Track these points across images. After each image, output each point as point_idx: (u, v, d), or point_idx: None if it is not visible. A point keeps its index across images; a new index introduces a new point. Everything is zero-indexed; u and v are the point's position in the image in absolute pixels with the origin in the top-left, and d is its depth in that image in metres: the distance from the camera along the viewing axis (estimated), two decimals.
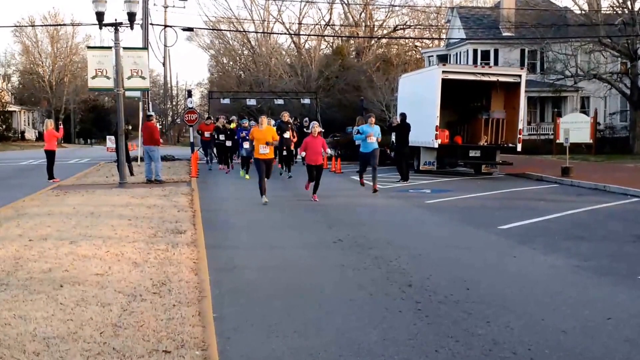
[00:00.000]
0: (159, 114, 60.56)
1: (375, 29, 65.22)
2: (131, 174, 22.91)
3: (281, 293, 7.85)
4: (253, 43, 67.56)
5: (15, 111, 72.17)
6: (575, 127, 25.91)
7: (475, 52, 45.43)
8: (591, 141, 30.56)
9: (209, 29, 67.35)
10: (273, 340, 6.17)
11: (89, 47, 24.13)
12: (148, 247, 10.06)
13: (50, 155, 23.12)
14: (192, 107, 34.92)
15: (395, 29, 64.48)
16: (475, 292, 7.82)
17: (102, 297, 7.18)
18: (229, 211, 15.35)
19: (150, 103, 37.32)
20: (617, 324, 6.60)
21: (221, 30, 66.73)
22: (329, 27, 66.36)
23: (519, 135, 24.30)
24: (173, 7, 62.57)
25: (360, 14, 64.30)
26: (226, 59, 75.20)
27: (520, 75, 24.39)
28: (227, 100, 44.01)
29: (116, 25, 20.36)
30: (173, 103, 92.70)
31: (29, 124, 76.41)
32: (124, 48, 21.31)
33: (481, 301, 7.43)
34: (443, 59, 45.83)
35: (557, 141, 28.93)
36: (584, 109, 42.54)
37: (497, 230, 12.21)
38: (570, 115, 31.61)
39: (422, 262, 9.53)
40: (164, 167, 26.82)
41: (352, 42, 63.72)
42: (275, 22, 66.89)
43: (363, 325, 6.57)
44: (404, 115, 22.77)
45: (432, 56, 51.08)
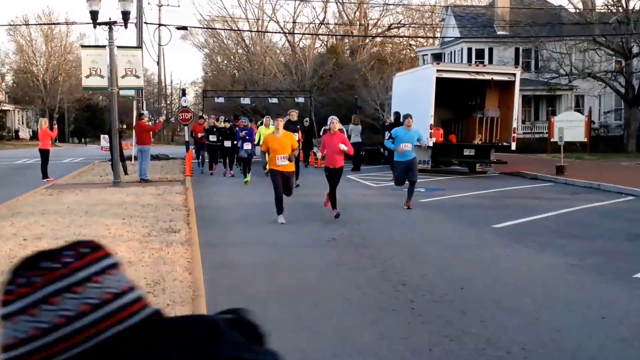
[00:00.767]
0: (152, 113, 60.39)
1: (370, 27, 65.23)
2: (125, 173, 22.85)
3: (275, 292, 7.84)
4: (247, 42, 67.50)
5: (9, 110, 71.92)
6: (569, 126, 25.90)
7: (469, 50, 45.45)
8: (585, 140, 30.58)
9: (203, 27, 67.29)
10: (267, 339, 6.14)
11: (83, 46, 24.13)
12: (142, 246, 10.03)
13: (44, 154, 23.06)
14: (186, 106, 34.85)
15: (389, 28, 64.51)
16: (469, 291, 7.82)
17: None
18: (223, 210, 15.32)
19: (144, 102, 37.24)
20: (612, 323, 6.60)
21: (215, 29, 66.66)
22: (323, 26, 66.36)
23: (513, 134, 24.30)
24: (167, 5, 62.45)
25: (355, 12, 64.28)
26: (220, 58, 75.14)
27: (514, 74, 24.41)
28: (221, 99, 43.95)
29: (110, 24, 20.34)
30: (167, 102, 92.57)
31: (23, 123, 76.15)
32: (118, 47, 21.31)
33: (475, 300, 7.42)
34: (437, 58, 45.82)
35: (552, 140, 28.91)
36: (579, 108, 42.60)
37: (492, 229, 12.21)
38: (565, 114, 31.62)
39: (417, 261, 9.53)
40: (157, 166, 26.84)
41: (347, 40, 63.72)
42: (269, 20, 66.81)
43: (357, 324, 6.56)
44: (398, 114, 22.76)
45: (427, 55, 51.12)
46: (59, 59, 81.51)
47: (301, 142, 22.75)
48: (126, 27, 21.02)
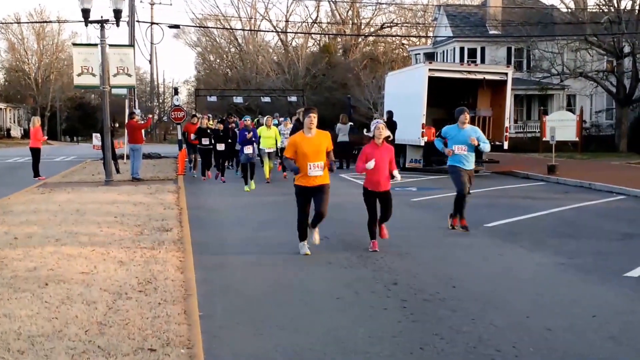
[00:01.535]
0: (144, 112, 60.27)
1: (363, 26, 65.31)
2: (117, 171, 22.82)
3: (268, 291, 7.84)
4: (240, 40, 67.52)
5: (0, 109, 71.71)
6: (561, 125, 25.95)
7: (462, 50, 45.53)
8: (577, 139, 30.66)
9: (195, 26, 67.30)
10: (259, 338, 6.16)
11: (74, 44, 24.04)
12: (134, 245, 10.03)
13: (35, 152, 23.03)
14: (178, 105, 34.78)
15: (382, 27, 64.59)
16: (460, 290, 7.84)
17: (87, 296, 7.15)
18: (216, 209, 15.31)
19: (137, 101, 37.16)
20: (602, 321, 6.63)
21: (208, 27, 66.66)
22: (316, 25, 66.44)
23: (505, 133, 24.33)
24: (160, 4, 62.29)
25: (348, 11, 64.35)
26: (213, 57, 75.11)
27: (506, 74, 24.44)
28: (213, 98, 43.99)
29: (102, 23, 20.30)
30: (160, 101, 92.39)
31: (14, 121, 75.93)
32: (110, 45, 21.26)
33: (466, 299, 7.45)
34: (430, 57, 45.90)
35: (544, 139, 29.00)
36: (570, 107, 42.76)
37: (483, 228, 12.25)
38: (557, 113, 31.70)
39: (408, 260, 9.55)
40: (149, 165, 26.80)
41: (340, 40, 63.79)
42: (262, 19, 66.87)
43: (349, 323, 6.57)
44: (390, 113, 22.78)
45: (419, 54, 51.20)
46: (51, 57, 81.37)
47: None
48: (118, 25, 21.00)
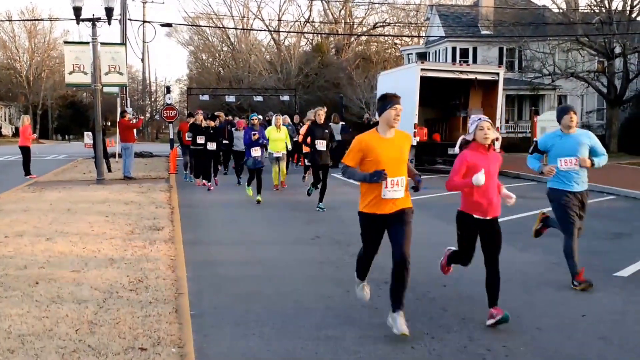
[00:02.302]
0: (136, 111, 60.12)
1: (355, 26, 65.36)
2: (109, 170, 22.77)
3: (259, 290, 7.84)
4: (232, 39, 67.48)
5: None
6: (552, 125, 25.76)
7: (454, 50, 45.61)
8: None
9: (188, 25, 67.19)
10: (250, 337, 6.16)
11: (66, 42, 23.84)
12: (125, 243, 10.01)
13: (25, 151, 22.95)
14: (170, 104, 34.74)
15: (374, 27, 64.66)
16: (451, 289, 7.87)
17: (78, 294, 7.13)
18: (208, 208, 15.29)
19: (129, 99, 37.07)
20: (592, 321, 6.67)
21: (200, 26, 66.56)
22: (308, 24, 66.44)
23: (497, 133, 24.39)
24: (152, 2, 62.20)
25: (340, 11, 64.39)
26: (205, 56, 75.04)
27: (498, 74, 24.49)
28: (206, 97, 43.94)
29: (94, 21, 20.25)
30: (152, 99, 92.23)
31: (5, 119, 75.64)
32: (102, 43, 21.20)
33: (457, 298, 7.47)
34: (422, 57, 45.96)
35: (535, 139, 29.04)
36: None
37: None
38: (548, 114, 31.77)
39: None
40: (141, 164, 26.76)
41: (332, 39, 63.82)
42: (254, 18, 66.88)
43: (340, 322, 6.58)
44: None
45: (412, 54, 51.25)
46: (43, 55, 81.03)
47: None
48: (110, 23, 20.96)
